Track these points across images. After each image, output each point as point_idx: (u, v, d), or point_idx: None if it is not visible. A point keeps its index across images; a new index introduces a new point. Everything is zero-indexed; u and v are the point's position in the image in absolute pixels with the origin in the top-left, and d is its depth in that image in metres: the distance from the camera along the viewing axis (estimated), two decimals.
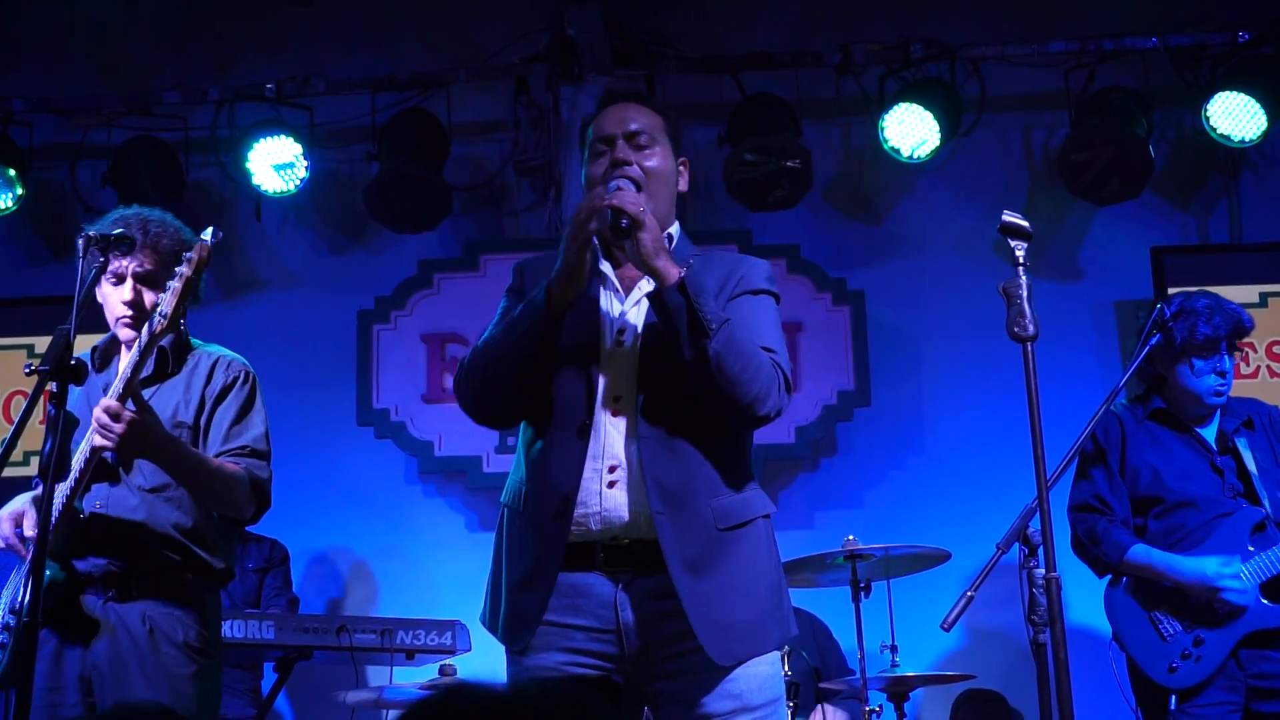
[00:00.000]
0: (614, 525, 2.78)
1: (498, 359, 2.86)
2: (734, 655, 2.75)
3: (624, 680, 2.81)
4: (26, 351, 6.26)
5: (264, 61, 6.65)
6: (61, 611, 3.34)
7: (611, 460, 2.80)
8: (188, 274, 3.13)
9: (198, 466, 3.37)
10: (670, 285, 2.73)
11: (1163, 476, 4.29)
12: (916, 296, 6.37)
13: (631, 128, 2.96)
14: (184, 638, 3.38)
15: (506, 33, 6.52)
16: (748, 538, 2.83)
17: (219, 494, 3.41)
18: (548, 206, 6.48)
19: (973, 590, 3.34)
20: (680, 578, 2.73)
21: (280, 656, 4.97)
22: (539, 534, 2.82)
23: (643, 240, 2.75)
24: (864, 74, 6.34)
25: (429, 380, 6.28)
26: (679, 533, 2.75)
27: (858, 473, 6.25)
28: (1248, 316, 4.33)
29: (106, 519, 3.39)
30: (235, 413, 3.52)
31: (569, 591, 2.79)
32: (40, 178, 6.55)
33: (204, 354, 3.60)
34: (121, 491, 3.42)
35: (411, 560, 6.22)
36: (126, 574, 3.38)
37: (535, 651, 2.80)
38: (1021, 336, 2.95)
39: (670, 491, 2.76)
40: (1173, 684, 4.12)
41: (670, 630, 2.76)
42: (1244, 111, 5.93)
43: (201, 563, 3.46)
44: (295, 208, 6.61)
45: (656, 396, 2.81)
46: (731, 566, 2.78)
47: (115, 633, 3.35)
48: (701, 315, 2.71)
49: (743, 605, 2.77)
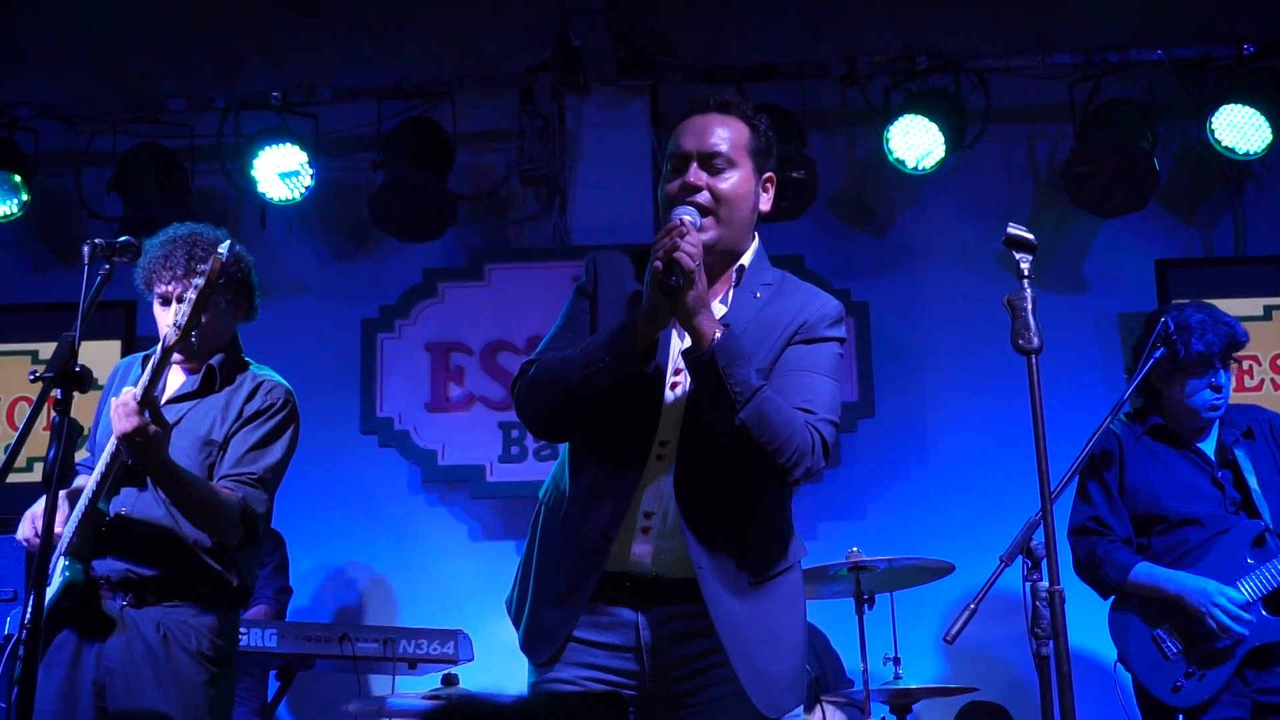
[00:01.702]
0: (646, 565, 2.78)
1: (572, 388, 2.72)
2: (782, 708, 2.76)
3: (639, 697, 2.81)
4: (31, 358, 6.25)
5: (270, 70, 6.66)
6: (82, 610, 3.34)
7: (649, 506, 2.78)
8: (202, 286, 3.16)
9: (188, 487, 3.36)
10: (704, 349, 2.62)
11: (1162, 495, 4.26)
12: (921, 308, 6.37)
13: (709, 146, 2.83)
14: (197, 645, 3.39)
15: (511, 42, 6.53)
16: (783, 587, 2.83)
17: (205, 520, 3.40)
18: (552, 216, 6.49)
19: (976, 603, 3.33)
20: (725, 631, 2.72)
21: (282, 665, 4.97)
22: (574, 562, 2.80)
23: (688, 301, 2.62)
24: (869, 85, 6.35)
25: (433, 389, 6.28)
26: (719, 586, 2.73)
27: (862, 484, 6.24)
28: (1242, 330, 4.29)
29: (131, 522, 3.40)
30: (260, 437, 3.53)
31: (595, 611, 2.80)
32: (45, 184, 6.56)
33: (252, 374, 3.62)
34: (149, 497, 3.42)
35: (414, 569, 6.22)
36: (144, 580, 3.38)
37: (556, 664, 2.80)
38: (1026, 349, 2.94)
39: (708, 544, 2.74)
40: (1178, 703, 4.10)
41: (685, 651, 2.77)
42: (1249, 124, 5.93)
43: (219, 578, 3.46)
44: (300, 216, 6.61)
45: (699, 447, 2.75)
46: (769, 617, 2.78)
47: (130, 636, 3.35)
48: (729, 386, 2.61)
49: (783, 657, 2.79)
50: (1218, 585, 4.09)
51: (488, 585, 3.90)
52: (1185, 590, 4.12)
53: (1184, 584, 4.13)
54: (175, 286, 3.48)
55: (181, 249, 3.52)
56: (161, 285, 3.51)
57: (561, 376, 2.73)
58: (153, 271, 3.52)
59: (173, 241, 3.54)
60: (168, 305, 3.51)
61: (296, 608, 5.88)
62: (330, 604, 6.24)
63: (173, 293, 3.49)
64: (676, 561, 2.76)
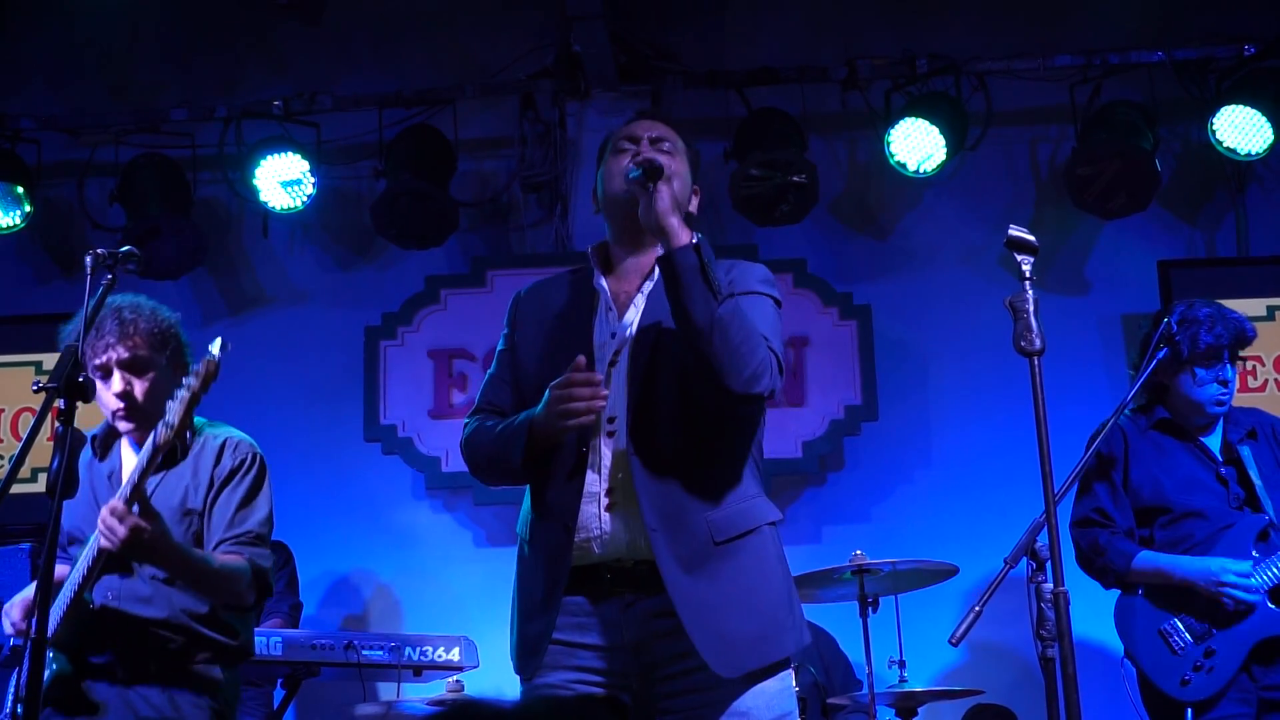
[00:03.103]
0: (617, 547, 2.80)
1: (491, 464, 2.97)
2: (740, 667, 2.75)
3: (632, 699, 2.82)
4: (35, 369, 6.27)
5: (271, 79, 6.67)
6: (69, 699, 3.31)
7: (608, 483, 2.82)
8: (195, 386, 3.10)
9: (200, 567, 3.34)
10: (684, 244, 2.77)
11: (1166, 488, 4.29)
12: (923, 311, 6.37)
13: (659, 133, 3.03)
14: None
15: (512, 49, 6.54)
16: (748, 548, 2.83)
17: (220, 591, 3.38)
18: (554, 222, 6.49)
19: (980, 605, 3.33)
20: (677, 592, 2.74)
21: (288, 673, 4.97)
22: (547, 561, 2.84)
23: (661, 193, 2.80)
24: (870, 89, 6.36)
25: (436, 396, 6.28)
26: (674, 548, 2.76)
27: (865, 487, 6.24)
28: (1250, 326, 4.32)
29: (117, 612, 3.36)
30: (241, 497, 3.47)
31: (576, 611, 2.81)
32: (48, 195, 6.58)
33: (210, 435, 3.54)
34: (133, 582, 3.38)
35: (419, 576, 6.22)
36: (140, 661, 3.34)
37: (544, 670, 2.81)
38: (1028, 350, 2.95)
39: (663, 508, 2.77)
40: (1186, 696, 4.11)
41: (671, 649, 2.76)
42: (1250, 125, 5.93)
43: (217, 645, 3.43)
44: (302, 224, 6.62)
45: (647, 415, 2.83)
46: (731, 578, 2.78)
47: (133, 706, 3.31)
48: (712, 277, 2.75)
49: (745, 617, 2.77)
50: (1220, 563, 4.12)
51: (492, 591, 3.90)
52: (1192, 574, 4.14)
53: (1189, 568, 4.16)
54: (112, 355, 3.41)
55: (109, 318, 3.43)
56: (95, 359, 3.41)
57: (481, 456, 2.98)
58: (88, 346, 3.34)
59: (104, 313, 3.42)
60: (108, 378, 3.44)
61: (302, 616, 5.87)
62: (335, 612, 6.24)
63: (110, 360, 3.42)
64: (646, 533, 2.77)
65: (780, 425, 5.91)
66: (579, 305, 3.00)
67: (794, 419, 6.08)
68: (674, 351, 2.84)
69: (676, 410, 2.82)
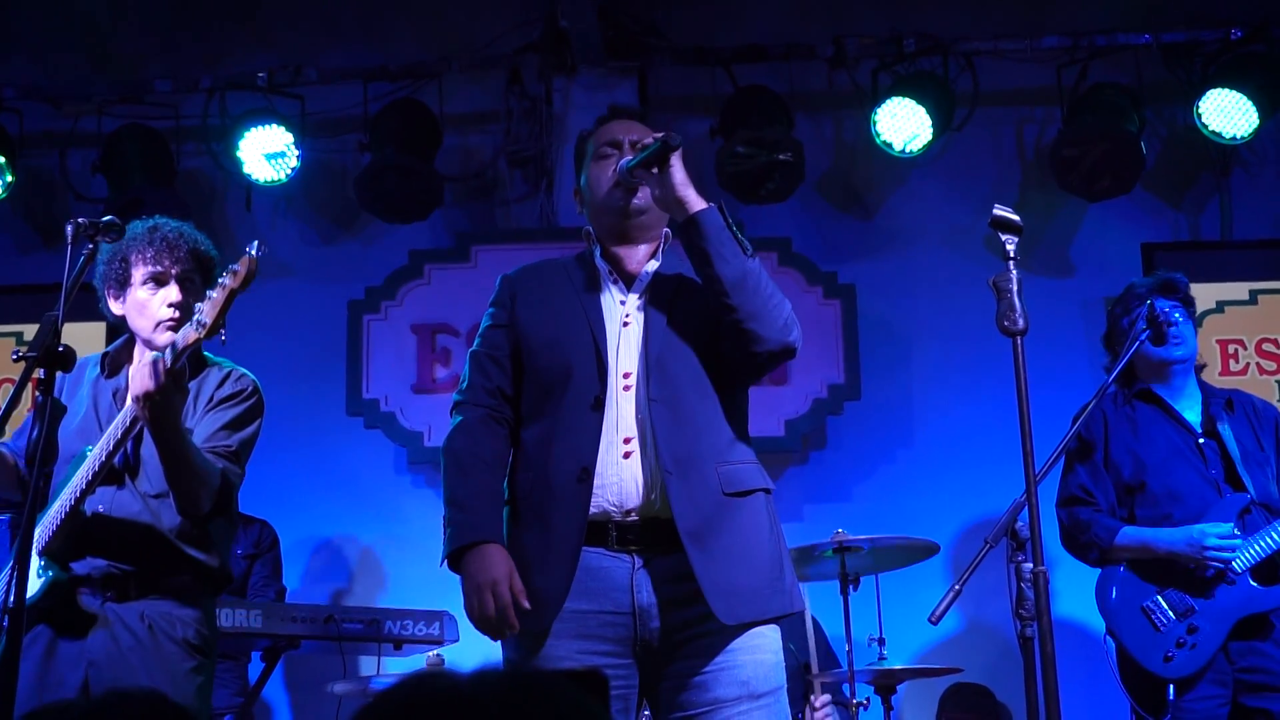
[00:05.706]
0: (629, 497, 2.83)
1: None
2: (739, 617, 2.80)
3: (638, 664, 2.83)
4: (15, 339, 6.24)
5: (256, 50, 6.63)
6: (59, 609, 3.33)
7: (626, 432, 2.87)
8: (233, 285, 3.08)
9: (189, 449, 3.34)
10: (706, 208, 2.88)
11: (1146, 464, 4.34)
12: (907, 290, 6.38)
13: (638, 135, 3.06)
14: (183, 635, 3.37)
15: (499, 23, 6.51)
16: (749, 507, 2.90)
17: (192, 480, 3.34)
18: (539, 197, 6.48)
19: (960, 584, 3.35)
20: (688, 536, 2.79)
21: (268, 646, 4.96)
22: (556, 506, 2.86)
23: (674, 169, 2.89)
24: (857, 67, 6.35)
25: (419, 371, 6.27)
26: (688, 493, 2.81)
27: (847, 466, 6.25)
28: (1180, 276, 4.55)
29: (108, 520, 3.38)
30: (234, 416, 3.50)
31: (581, 574, 2.82)
32: (30, 165, 6.53)
33: (216, 367, 3.60)
34: (125, 495, 3.41)
35: (401, 550, 6.21)
36: (125, 575, 3.36)
37: (548, 639, 2.82)
38: (1011, 331, 2.96)
39: (679, 455, 2.83)
40: (1169, 673, 4.14)
41: (690, 614, 2.80)
42: (1236, 108, 5.94)
43: (200, 565, 3.44)
44: (286, 197, 6.59)
45: (662, 371, 2.90)
46: (735, 531, 2.84)
47: (113, 629, 3.33)
48: (736, 234, 2.88)
49: (746, 571, 2.83)
50: (1200, 528, 4.17)
51: None
52: (1175, 543, 4.20)
53: (1172, 538, 4.22)
54: (175, 268, 3.46)
55: (170, 232, 3.49)
56: (158, 265, 3.45)
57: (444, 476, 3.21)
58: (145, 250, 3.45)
59: (166, 226, 3.52)
60: (161, 286, 3.47)
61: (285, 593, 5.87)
62: (316, 585, 6.23)
63: (170, 271, 3.46)
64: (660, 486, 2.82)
65: (763, 403, 5.89)
66: (583, 278, 3.06)
67: (777, 397, 6.08)
68: (687, 310, 2.95)
69: (688, 367, 2.91)
